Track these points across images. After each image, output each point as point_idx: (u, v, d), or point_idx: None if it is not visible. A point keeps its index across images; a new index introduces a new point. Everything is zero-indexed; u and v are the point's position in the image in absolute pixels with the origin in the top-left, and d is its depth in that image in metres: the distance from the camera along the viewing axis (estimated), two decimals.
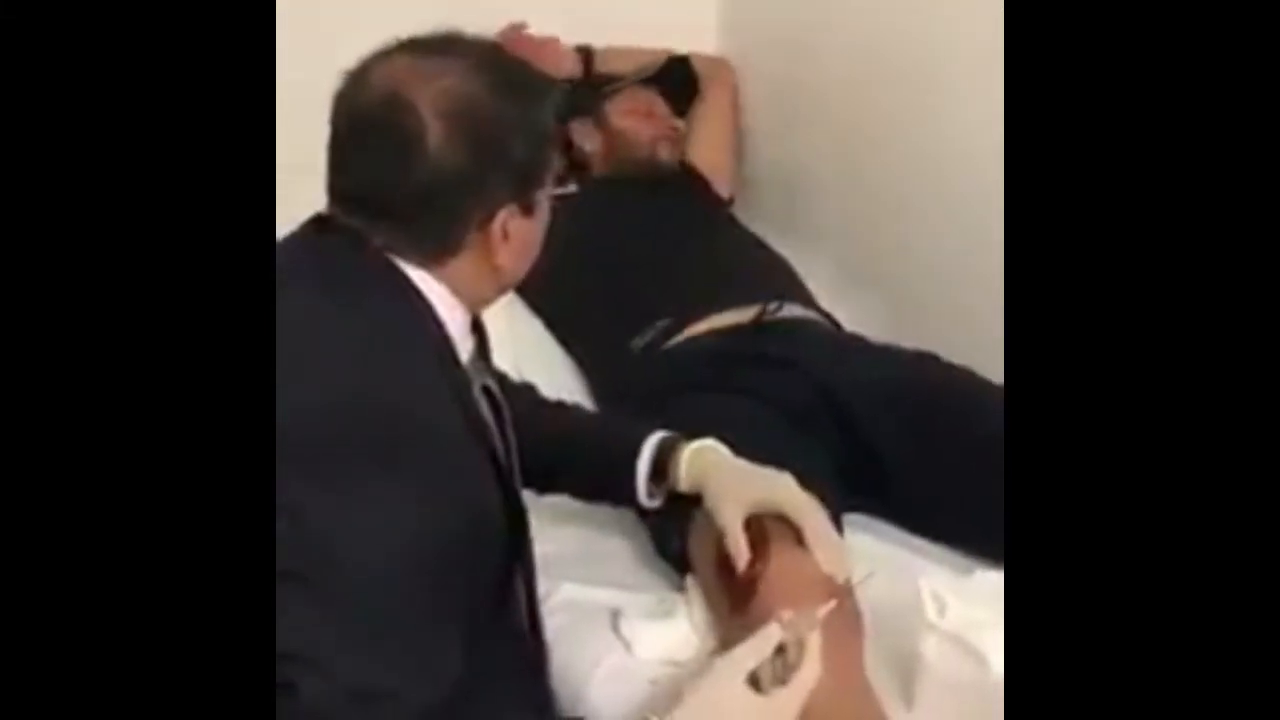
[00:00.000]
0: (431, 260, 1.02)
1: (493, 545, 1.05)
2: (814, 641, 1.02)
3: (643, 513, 1.33)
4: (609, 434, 1.33)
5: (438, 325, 1.02)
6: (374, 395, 0.95)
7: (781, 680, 1.00)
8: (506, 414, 1.15)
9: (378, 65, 1.02)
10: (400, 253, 1.01)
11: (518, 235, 1.05)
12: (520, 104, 1.03)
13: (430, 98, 0.99)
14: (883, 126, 1.89)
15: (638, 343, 1.64)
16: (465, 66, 1.01)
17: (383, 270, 1.01)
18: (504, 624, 1.12)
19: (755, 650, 1.01)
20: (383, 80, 1.00)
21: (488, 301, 1.11)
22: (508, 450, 1.13)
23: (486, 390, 1.12)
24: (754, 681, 1.00)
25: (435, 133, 0.98)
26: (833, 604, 1.04)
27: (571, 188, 1.12)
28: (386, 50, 1.03)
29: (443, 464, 0.97)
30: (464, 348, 1.07)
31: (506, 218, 1.03)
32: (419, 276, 1.02)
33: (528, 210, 1.05)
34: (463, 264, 1.03)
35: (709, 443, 1.26)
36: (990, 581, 1.20)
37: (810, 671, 1.01)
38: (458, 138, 0.98)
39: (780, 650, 1.01)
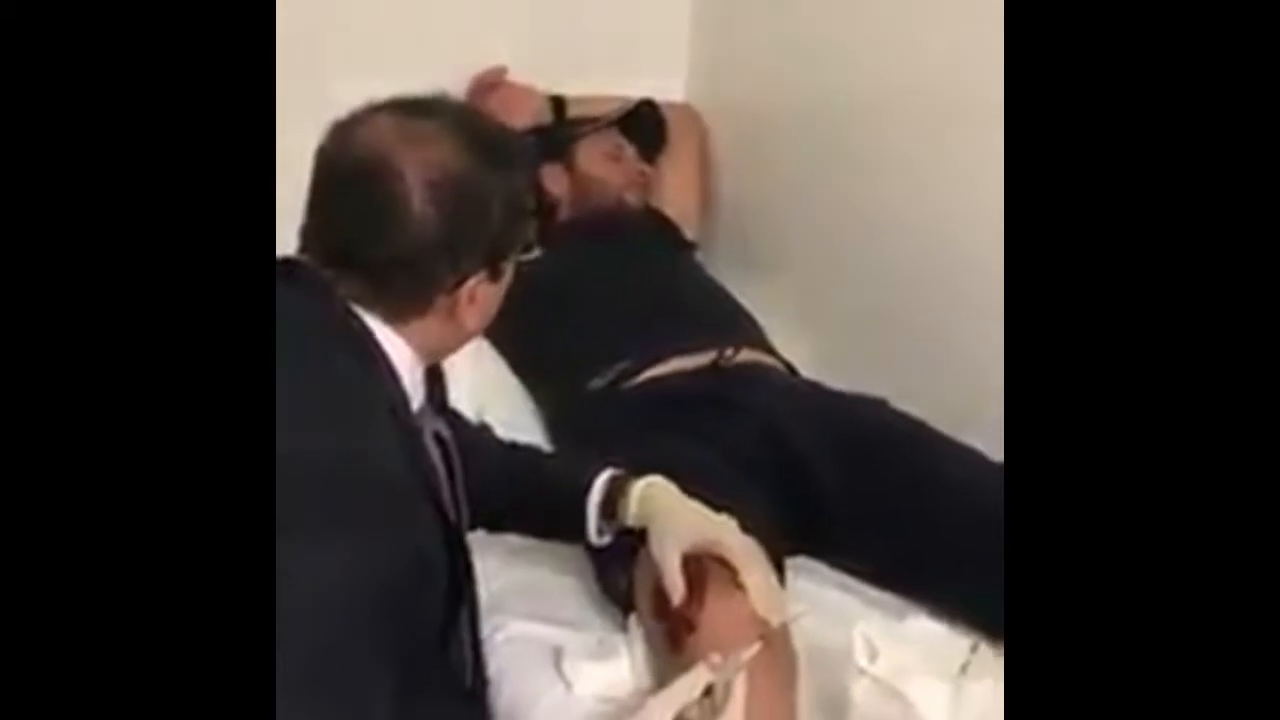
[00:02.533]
0: (396, 317, 1.04)
1: (434, 592, 1.06)
2: (739, 684, 1.05)
3: (590, 550, 1.35)
4: (560, 473, 1.36)
5: (393, 378, 1.04)
6: (322, 446, 0.96)
7: None
8: (457, 460, 1.17)
9: (364, 124, 1.04)
10: (366, 306, 1.03)
11: (482, 299, 1.08)
12: (502, 176, 1.05)
13: (417, 165, 1.01)
14: (851, 175, 1.91)
15: (596, 384, 1.66)
16: (452, 135, 1.03)
17: (344, 321, 1.03)
18: (445, 666, 1.14)
19: (683, 691, 1.04)
20: (369, 141, 1.02)
21: (445, 355, 1.14)
22: (455, 497, 1.16)
23: (438, 437, 1.14)
24: None
25: (419, 200, 1.00)
26: (757, 647, 1.07)
27: (535, 253, 1.14)
28: (372, 109, 1.05)
29: (386, 515, 0.98)
30: (416, 396, 1.09)
31: (475, 284, 1.05)
32: (380, 330, 1.04)
33: (495, 277, 1.08)
34: (427, 323, 1.06)
35: (658, 479, 1.28)
36: (921, 628, 1.24)
37: (735, 713, 1.04)
38: (440, 207, 1.01)
39: (708, 692, 1.04)
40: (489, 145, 1.05)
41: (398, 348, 1.05)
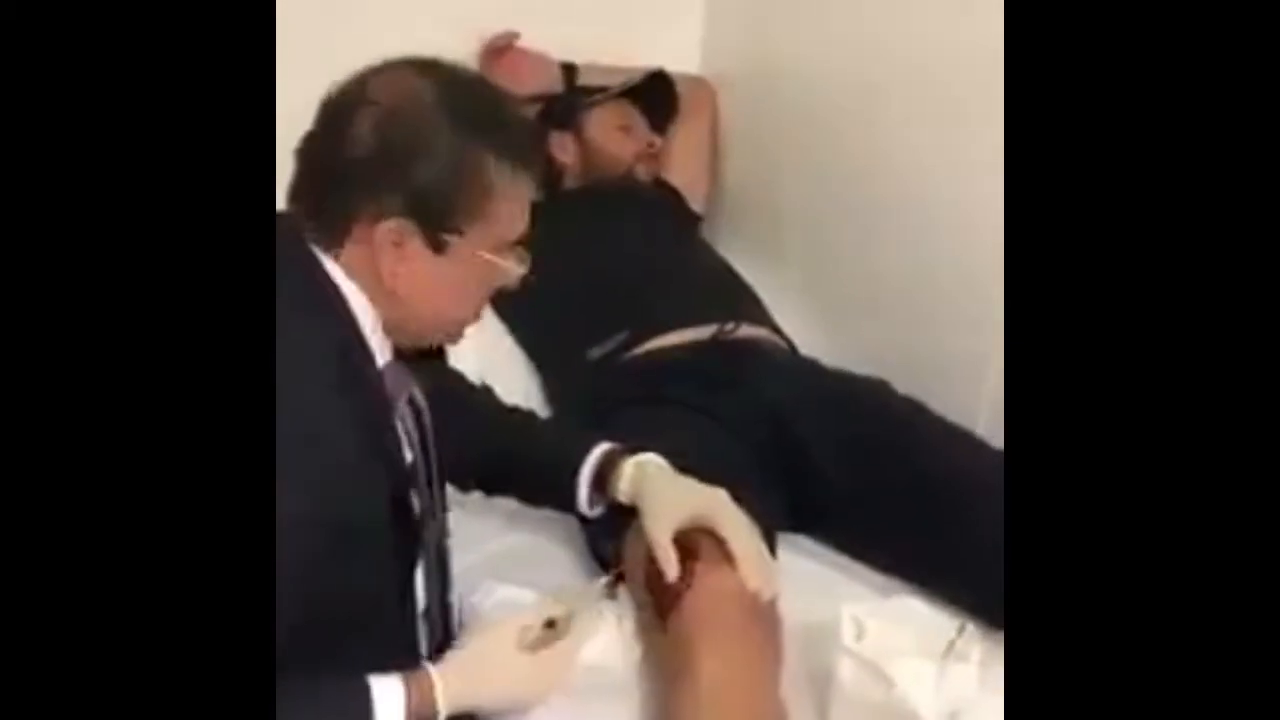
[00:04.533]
0: (325, 244, 1.03)
1: (365, 560, 1.04)
2: (586, 618, 1.14)
3: (583, 519, 1.36)
4: (555, 443, 1.37)
5: (350, 322, 1.04)
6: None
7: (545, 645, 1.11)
8: (429, 422, 1.16)
9: (378, 69, 1.05)
10: (309, 235, 1.03)
11: (420, 268, 1.04)
12: (464, 141, 1.02)
13: (387, 95, 1.01)
14: (860, 153, 1.91)
15: (595, 353, 1.67)
16: (438, 85, 1.03)
17: (301, 261, 1.02)
18: (384, 635, 1.12)
19: (529, 616, 1.12)
20: (369, 75, 1.04)
21: (405, 331, 1.10)
22: (427, 459, 1.15)
23: (411, 401, 1.13)
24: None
25: (365, 121, 1.00)
26: (605, 580, 1.17)
27: (519, 269, 1.11)
28: (392, 61, 1.05)
29: (319, 474, 0.96)
30: (381, 352, 1.08)
31: (400, 233, 1.02)
32: (334, 269, 1.04)
33: (436, 246, 1.04)
34: (354, 258, 1.04)
35: (650, 456, 1.29)
36: (908, 608, 1.24)
37: (570, 647, 1.12)
38: (379, 133, 1.00)
39: (551, 624, 1.12)
40: (470, 109, 1.03)
41: (354, 293, 1.04)
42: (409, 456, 1.12)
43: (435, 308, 1.09)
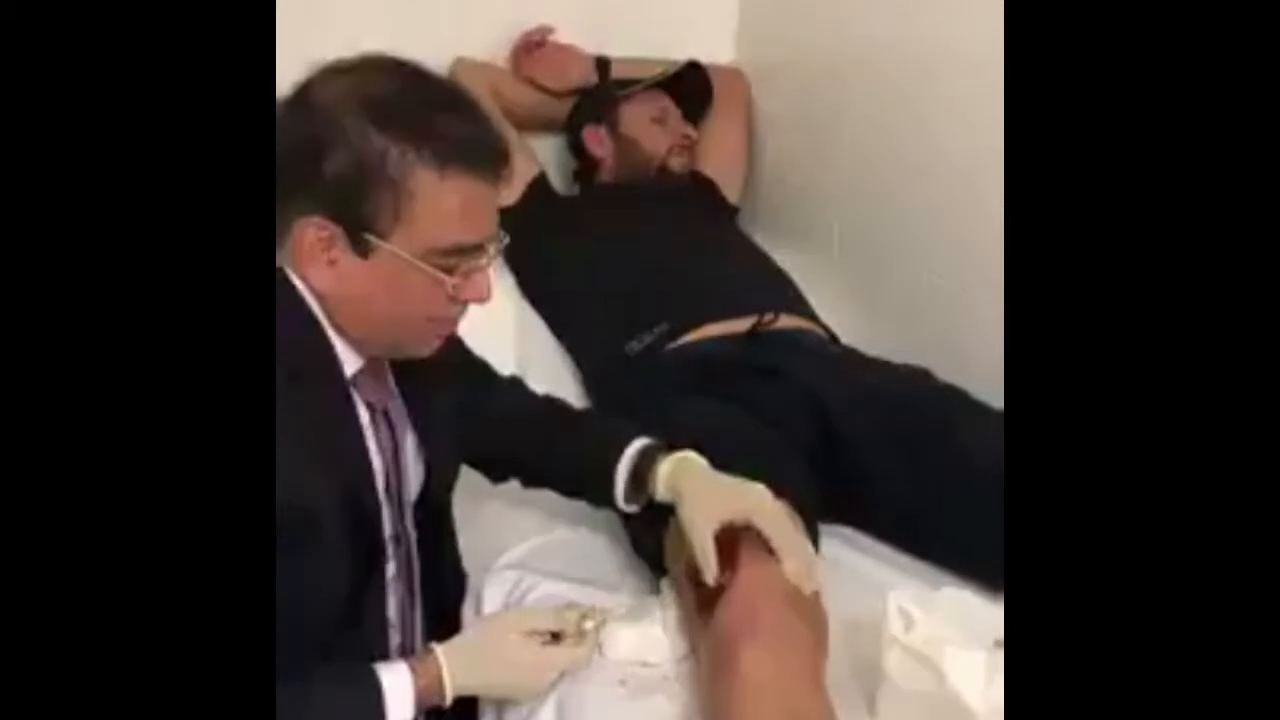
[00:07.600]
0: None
1: (310, 555, 1.02)
2: (592, 637, 1.17)
3: (624, 514, 1.35)
4: (592, 437, 1.36)
5: (313, 322, 1.04)
6: None
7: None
8: (403, 438, 1.16)
9: (320, 68, 1.04)
10: None
11: (348, 271, 1.03)
12: (372, 131, 0.99)
13: (313, 84, 1.01)
14: (896, 142, 1.89)
15: (633, 346, 1.66)
16: (367, 76, 1.02)
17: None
18: (348, 639, 1.11)
19: (541, 619, 1.15)
20: (311, 75, 1.03)
21: (354, 337, 1.08)
22: (399, 474, 1.14)
23: (385, 413, 1.13)
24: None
25: (285, 115, 0.99)
26: (598, 619, 1.19)
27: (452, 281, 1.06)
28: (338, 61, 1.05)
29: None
30: (349, 358, 1.08)
31: (328, 237, 1.02)
32: (290, 273, 1.04)
33: (360, 250, 1.02)
34: (292, 263, 1.04)
35: (687, 454, 1.27)
36: (955, 598, 1.22)
37: (581, 651, 1.16)
38: (294, 125, 0.97)
39: (556, 636, 1.15)
40: (393, 108, 1.00)
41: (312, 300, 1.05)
42: (377, 465, 1.11)
43: (370, 315, 1.07)
